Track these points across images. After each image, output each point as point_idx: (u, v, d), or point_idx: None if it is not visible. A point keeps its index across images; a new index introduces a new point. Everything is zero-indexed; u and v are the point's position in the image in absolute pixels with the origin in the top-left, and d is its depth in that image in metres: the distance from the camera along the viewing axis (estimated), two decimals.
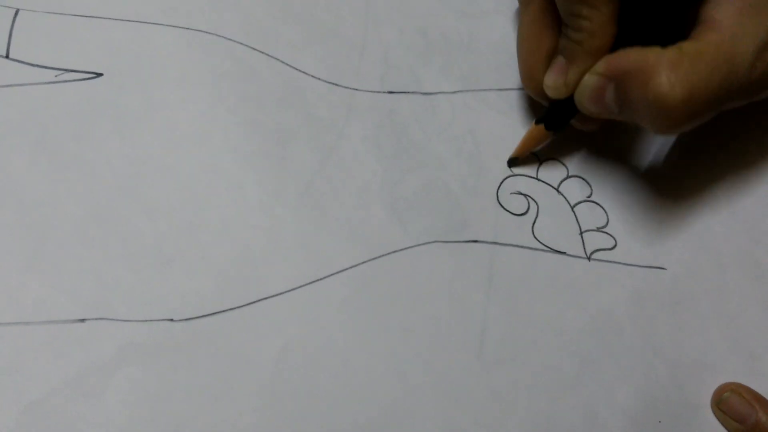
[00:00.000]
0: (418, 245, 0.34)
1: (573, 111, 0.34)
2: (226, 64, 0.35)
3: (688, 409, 0.33)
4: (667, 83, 0.29)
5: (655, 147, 0.38)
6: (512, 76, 0.38)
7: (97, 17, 0.34)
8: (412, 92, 0.37)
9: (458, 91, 0.38)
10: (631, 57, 0.31)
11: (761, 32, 0.30)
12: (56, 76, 0.33)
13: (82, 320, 0.29)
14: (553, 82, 0.34)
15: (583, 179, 0.37)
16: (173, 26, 0.35)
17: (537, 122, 0.36)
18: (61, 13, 0.34)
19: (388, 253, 0.33)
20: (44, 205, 0.30)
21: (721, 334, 0.35)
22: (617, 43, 0.32)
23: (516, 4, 0.39)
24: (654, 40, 0.31)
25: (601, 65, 0.32)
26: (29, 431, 0.27)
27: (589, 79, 0.32)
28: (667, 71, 0.29)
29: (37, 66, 0.33)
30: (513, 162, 0.36)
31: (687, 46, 0.30)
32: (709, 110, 0.31)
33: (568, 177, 0.37)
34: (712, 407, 0.33)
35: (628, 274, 0.35)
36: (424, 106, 0.37)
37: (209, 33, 0.35)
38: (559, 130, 0.36)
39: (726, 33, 0.30)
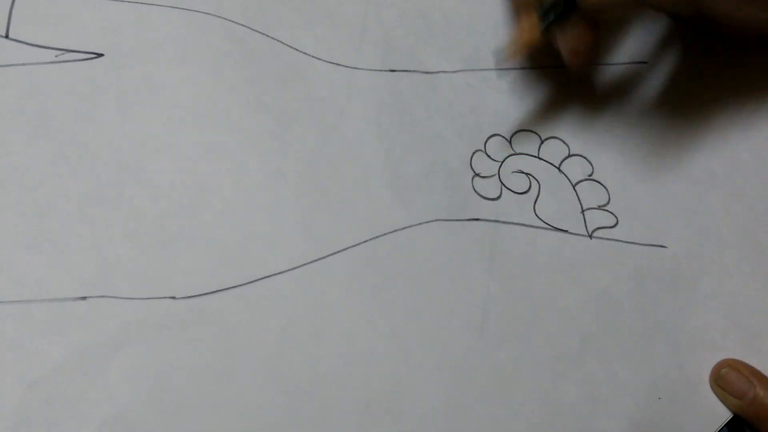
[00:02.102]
0: (420, 224, 0.34)
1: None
2: (227, 45, 0.35)
3: (687, 385, 0.33)
4: None
5: (657, 125, 0.38)
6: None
7: None
8: (414, 71, 0.37)
9: (459, 71, 0.38)
10: None
11: None
12: (56, 56, 0.33)
13: (84, 298, 0.29)
14: None
15: (585, 158, 0.37)
16: (174, 7, 0.35)
17: (542, 18, 0.34)
18: None
19: (390, 232, 0.33)
20: (45, 185, 0.30)
21: (721, 312, 0.35)
22: None
23: None
24: None
25: None
26: (32, 409, 0.27)
27: None
28: None
29: (37, 46, 0.33)
30: (501, 55, 0.36)
31: None
32: None
33: (569, 156, 0.37)
34: (710, 384, 0.33)
35: (629, 252, 0.35)
36: (425, 84, 0.37)
37: (210, 14, 0.35)
38: (560, 21, 0.33)
39: None
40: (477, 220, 0.34)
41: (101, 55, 0.33)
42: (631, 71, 0.39)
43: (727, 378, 0.33)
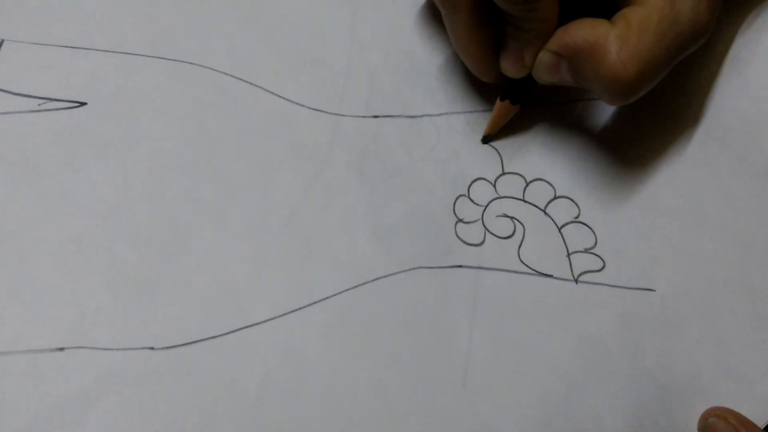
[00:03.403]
0: (402, 272, 0.33)
1: (532, 84, 0.35)
2: (210, 94, 0.35)
3: None
4: (619, 62, 0.30)
5: (646, 165, 0.38)
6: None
7: (82, 48, 0.35)
8: (397, 116, 0.37)
9: (443, 114, 0.37)
10: (581, 34, 0.31)
11: None
12: (39, 104, 0.33)
13: (61, 349, 0.29)
14: (512, 67, 0.34)
15: (571, 199, 0.36)
16: (157, 57, 0.35)
17: (502, 99, 0.36)
18: (46, 44, 0.34)
19: (372, 280, 0.33)
20: (25, 233, 0.31)
21: (712, 358, 0.34)
22: (563, 10, 0.33)
23: None
24: (598, 2, 0.33)
25: (553, 42, 0.33)
26: None
27: (544, 56, 0.33)
28: (617, 49, 0.31)
29: (20, 95, 0.33)
30: (487, 138, 0.37)
31: (631, 15, 0.31)
32: (659, 75, 0.32)
33: (555, 198, 0.36)
34: None
35: (616, 296, 0.34)
36: (409, 129, 0.37)
37: (193, 64, 0.35)
38: (523, 102, 0.36)
39: None
40: (460, 267, 0.34)
41: (84, 103, 0.34)
42: (621, 107, 0.39)
43: (715, 427, 0.32)
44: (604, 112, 0.38)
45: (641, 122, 0.38)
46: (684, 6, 0.31)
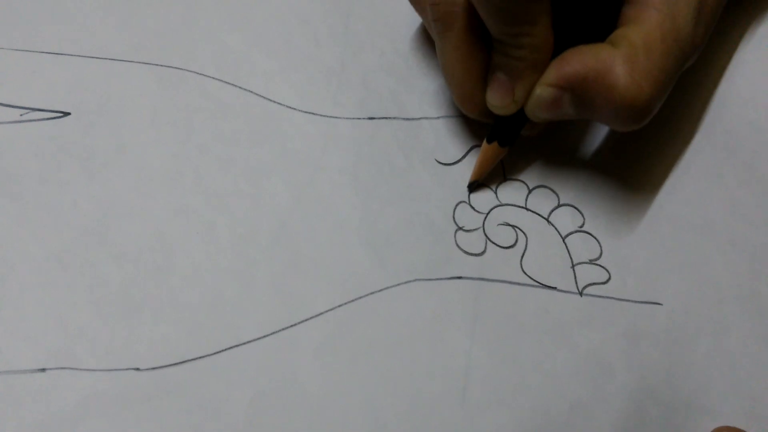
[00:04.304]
0: (399, 284, 0.32)
1: (522, 121, 0.33)
2: (198, 100, 0.34)
3: None
4: (633, 84, 0.29)
5: (652, 173, 0.36)
6: None
7: (65, 54, 0.34)
8: (394, 117, 0.36)
9: (443, 117, 0.36)
10: (584, 61, 0.30)
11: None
12: (21, 115, 0.32)
13: (43, 370, 0.28)
14: (500, 102, 0.32)
15: (575, 208, 0.35)
16: (143, 63, 0.34)
17: (488, 140, 0.34)
18: (27, 50, 0.33)
19: (367, 295, 0.32)
20: (5, 248, 0.30)
21: (720, 375, 0.33)
22: (556, 44, 0.31)
23: None
24: (590, 28, 0.31)
25: (552, 75, 0.31)
26: None
27: (544, 92, 0.31)
28: (628, 71, 0.29)
29: (2, 105, 0.32)
30: (473, 186, 0.35)
31: (632, 34, 0.30)
32: (667, 92, 0.31)
33: (559, 206, 0.35)
34: None
35: (621, 310, 0.33)
36: (406, 132, 0.35)
37: (181, 69, 0.34)
38: (512, 143, 0.34)
39: (663, 9, 0.30)
40: (460, 278, 0.33)
41: (68, 113, 0.32)
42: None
43: None
44: None
45: (648, 130, 0.37)
46: (683, 21, 0.30)
